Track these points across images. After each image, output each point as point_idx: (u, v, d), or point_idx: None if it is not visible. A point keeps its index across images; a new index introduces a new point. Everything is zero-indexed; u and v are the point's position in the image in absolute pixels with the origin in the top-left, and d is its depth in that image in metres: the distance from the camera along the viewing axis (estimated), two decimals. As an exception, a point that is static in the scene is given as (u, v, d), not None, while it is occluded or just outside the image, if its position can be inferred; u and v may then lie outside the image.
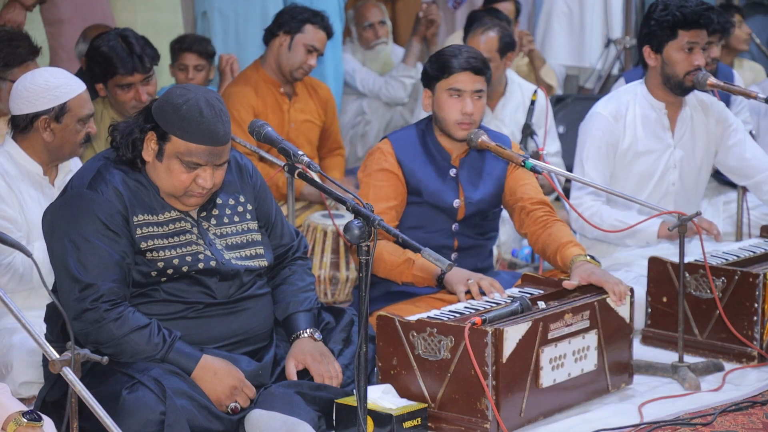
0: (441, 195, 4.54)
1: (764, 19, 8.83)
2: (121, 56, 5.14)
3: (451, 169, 4.56)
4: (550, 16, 8.74)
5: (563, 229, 4.50)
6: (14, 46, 4.86)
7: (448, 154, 4.56)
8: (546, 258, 4.54)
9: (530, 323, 3.90)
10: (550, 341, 3.97)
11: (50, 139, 4.31)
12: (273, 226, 4.07)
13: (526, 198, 4.59)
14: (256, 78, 6.10)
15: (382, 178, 4.51)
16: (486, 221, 4.67)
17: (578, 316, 4.07)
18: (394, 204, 4.50)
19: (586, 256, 4.33)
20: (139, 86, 5.16)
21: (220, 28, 7.21)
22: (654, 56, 5.12)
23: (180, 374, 3.67)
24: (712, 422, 4.00)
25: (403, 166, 4.52)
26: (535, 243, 4.56)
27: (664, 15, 5.06)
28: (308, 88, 6.28)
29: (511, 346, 3.83)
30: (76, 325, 3.62)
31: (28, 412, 3.02)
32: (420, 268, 4.39)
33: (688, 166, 5.28)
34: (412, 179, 4.53)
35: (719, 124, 5.31)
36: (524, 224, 4.59)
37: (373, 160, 4.55)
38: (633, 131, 5.18)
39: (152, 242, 3.74)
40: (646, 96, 5.21)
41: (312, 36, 6.06)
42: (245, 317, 3.90)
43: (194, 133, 3.66)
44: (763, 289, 4.56)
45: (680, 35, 5.04)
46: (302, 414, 3.70)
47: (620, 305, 4.21)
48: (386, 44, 7.87)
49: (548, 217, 4.54)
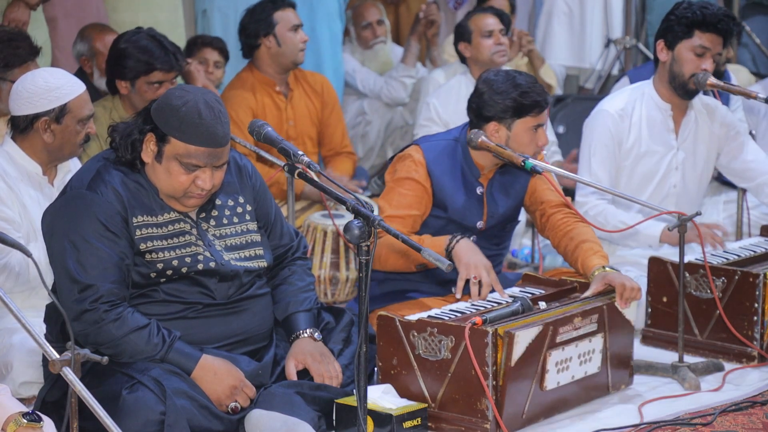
0: (465, 214, 4.50)
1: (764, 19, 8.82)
2: (158, 54, 5.20)
3: (479, 187, 4.51)
4: (550, 16, 8.74)
5: (585, 233, 4.45)
6: (14, 47, 4.85)
7: (479, 170, 4.51)
8: (570, 263, 4.51)
9: (541, 327, 3.88)
10: (558, 344, 3.96)
11: (50, 140, 4.31)
12: (272, 226, 4.07)
13: (546, 202, 4.57)
14: (252, 80, 6.11)
15: (410, 188, 4.45)
16: (504, 232, 4.66)
17: (587, 319, 4.06)
18: (415, 214, 4.44)
19: (605, 268, 4.29)
20: (168, 84, 5.21)
21: (220, 26, 7.20)
22: (666, 51, 5.11)
23: (180, 374, 3.67)
24: (712, 422, 4.00)
25: (433, 179, 4.47)
26: (557, 246, 4.53)
27: (685, 12, 5.05)
28: (302, 82, 6.26)
29: (520, 350, 3.81)
30: (75, 326, 3.62)
31: (28, 413, 3.02)
32: (430, 243, 4.30)
33: (690, 169, 5.28)
34: (439, 193, 4.47)
35: (723, 128, 5.32)
36: (546, 228, 4.58)
37: (404, 166, 4.49)
38: (638, 131, 5.18)
39: (151, 243, 3.74)
40: (653, 96, 5.20)
41: (287, 18, 6.06)
42: (245, 317, 3.90)
43: (193, 135, 3.66)
44: (763, 289, 4.56)
45: (696, 35, 5.03)
46: (302, 414, 3.70)
47: (625, 308, 4.20)
48: (385, 43, 7.86)
49: (569, 219, 4.51)
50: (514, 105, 4.36)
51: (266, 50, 6.07)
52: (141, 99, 5.21)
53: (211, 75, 6.53)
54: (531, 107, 4.37)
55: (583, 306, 4.11)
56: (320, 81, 6.36)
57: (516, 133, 4.40)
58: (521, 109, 4.37)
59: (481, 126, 4.43)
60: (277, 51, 6.06)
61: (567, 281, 4.38)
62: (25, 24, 5.87)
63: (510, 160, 4.38)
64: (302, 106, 6.22)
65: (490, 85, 4.41)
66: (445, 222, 4.51)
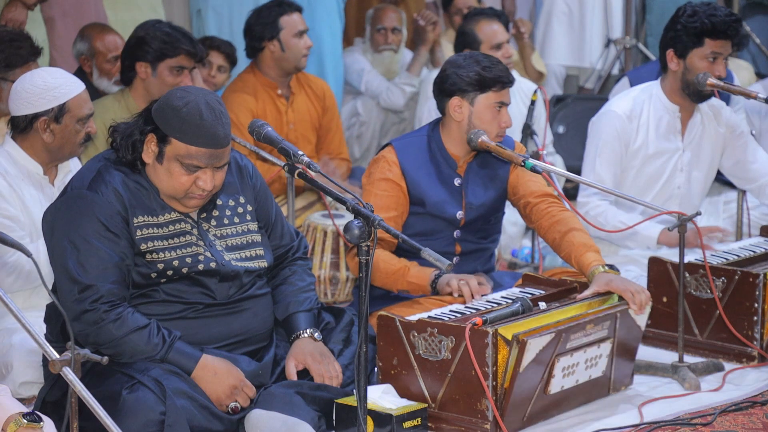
0: (444, 206, 4.51)
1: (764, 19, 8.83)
2: (183, 39, 5.25)
3: (456, 178, 4.52)
4: (550, 16, 8.74)
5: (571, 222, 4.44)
6: (16, 47, 4.85)
7: (454, 161, 4.53)
8: (560, 255, 4.51)
9: (553, 335, 3.86)
10: (567, 351, 3.95)
11: (50, 139, 4.31)
12: (273, 226, 4.07)
13: (529, 193, 4.57)
14: (254, 81, 6.10)
15: (385, 188, 4.47)
16: (488, 225, 4.65)
17: (599, 326, 4.04)
18: (393, 215, 4.45)
19: (605, 266, 4.29)
20: (188, 73, 5.26)
21: (215, 25, 7.20)
22: (677, 61, 5.10)
23: (180, 374, 3.67)
24: (712, 422, 4.00)
25: (407, 176, 4.48)
26: (544, 236, 4.54)
27: (692, 21, 5.04)
28: (304, 86, 6.27)
29: (531, 357, 3.80)
30: (75, 326, 3.62)
31: (28, 413, 3.02)
32: (415, 275, 4.38)
33: (695, 170, 5.29)
34: (415, 190, 4.49)
35: (727, 128, 5.33)
36: (531, 218, 4.58)
37: (377, 168, 4.51)
38: (645, 133, 5.19)
39: (152, 244, 3.73)
40: (661, 98, 5.21)
41: (293, 24, 6.06)
42: (245, 317, 3.90)
43: (194, 136, 3.66)
44: (763, 289, 4.56)
45: (706, 44, 5.04)
46: (302, 414, 3.70)
47: (640, 314, 4.20)
48: (394, 52, 7.80)
49: (553, 208, 4.51)
50: (477, 78, 4.39)
51: (270, 54, 6.07)
52: (159, 85, 5.22)
53: (213, 79, 6.51)
54: (493, 81, 4.40)
55: (596, 313, 4.06)
56: (322, 86, 6.37)
57: (478, 109, 4.41)
58: (483, 82, 4.40)
59: (444, 103, 4.46)
60: (281, 56, 6.06)
61: (567, 281, 4.38)
62: (23, 24, 5.87)
63: (510, 159, 4.39)
64: (303, 109, 6.22)
65: (453, 62, 4.47)
66: (426, 217, 4.51)
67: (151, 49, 5.25)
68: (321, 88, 6.35)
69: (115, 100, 5.36)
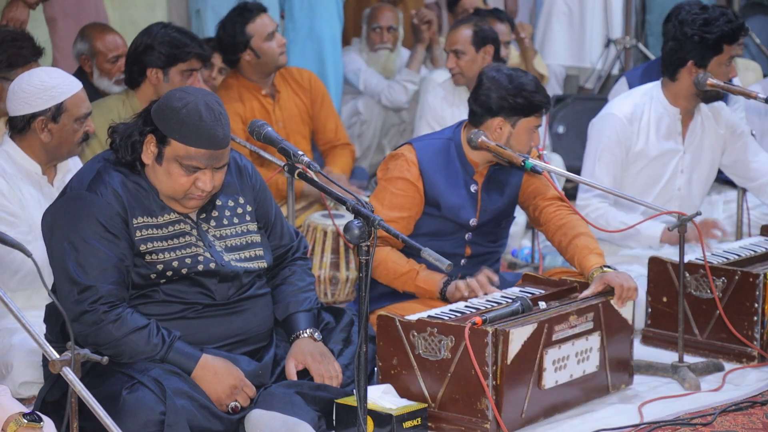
0: (459, 212, 4.50)
1: (764, 19, 8.83)
2: (192, 44, 5.25)
3: (473, 184, 4.52)
4: (550, 16, 8.74)
5: (579, 226, 4.46)
6: (18, 47, 4.86)
7: (473, 167, 4.51)
8: (565, 257, 4.52)
9: (536, 325, 3.89)
10: (554, 343, 3.97)
11: (48, 139, 4.30)
12: (273, 226, 4.06)
13: (539, 196, 4.58)
14: (237, 86, 6.11)
15: (401, 187, 4.46)
16: (498, 229, 4.66)
17: (583, 317, 4.07)
18: (406, 215, 4.46)
19: (604, 268, 4.30)
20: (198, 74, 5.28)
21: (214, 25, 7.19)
22: (696, 70, 5.10)
23: (180, 374, 3.67)
24: (712, 422, 4.00)
25: (425, 178, 4.47)
26: (551, 239, 4.55)
27: (710, 31, 5.04)
28: (289, 81, 6.26)
29: (515, 348, 3.82)
30: (75, 327, 3.62)
31: (28, 413, 3.02)
32: (423, 280, 4.38)
33: (695, 172, 5.29)
34: (432, 192, 4.48)
35: (727, 128, 5.33)
36: (539, 221, 4.59)
37: (396, 165, 4.50)
38: (646, 135, 5.18)
39: (151, 245, 3.73)
40: (662, 100, 5.21)
41: (260, 28, 6.04)
42: (245, 317, 3.90)
43: (194, 137, 3.65)
44: (764, 289, 4.56)
45: (725, 50, 5.07)
46: (302, 414, 3.70)
47: (622, 307, 4.21)
48: (390, 51, 7.81)
49: (561, 212, 4.52)
50: (525, 104, 4.38)
51: (247, 61, 6.07)
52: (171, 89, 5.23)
53: (214, 81, 6.51)
54: (539, 108, 4.41)
55: (578, 304, 4.12)
56: (307, 76, 6.34)
57: (518, 131, 4.42)
58: (530, 108, 4.40)
59: (485, 120, 4.43)
60: (258, 62, 6.06)
61: (567, 281, 4.38)
62: (24, 23, 5.87)
63: (510, 159, 4.38)
64: (291, 105, 6.21)
65: (496, 81, 4.42)
66: (439, 220, 4.51)
67: (162, 55, 5.21)
68: (305, 79, 6.32)
69: (119, 100, 5.34)
